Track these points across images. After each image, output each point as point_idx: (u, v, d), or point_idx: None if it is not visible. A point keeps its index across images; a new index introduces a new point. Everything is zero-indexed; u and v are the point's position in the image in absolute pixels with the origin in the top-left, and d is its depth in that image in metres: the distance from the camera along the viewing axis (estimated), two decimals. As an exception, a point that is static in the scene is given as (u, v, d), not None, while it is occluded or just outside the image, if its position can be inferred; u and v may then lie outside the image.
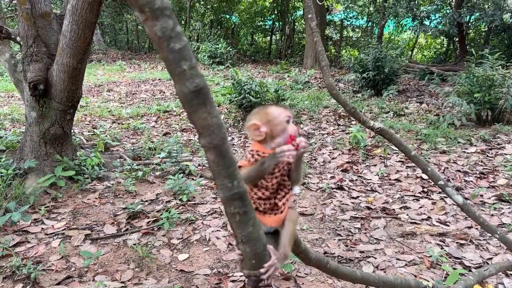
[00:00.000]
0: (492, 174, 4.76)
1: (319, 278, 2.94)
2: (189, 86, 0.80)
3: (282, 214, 1.63)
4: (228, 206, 1.05)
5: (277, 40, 21.83)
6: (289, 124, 1.60)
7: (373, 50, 9.99)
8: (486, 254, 3.24)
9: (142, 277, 2.95)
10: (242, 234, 1.16)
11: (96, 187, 4.41)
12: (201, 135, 0.89)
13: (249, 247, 1.23)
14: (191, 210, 3.97)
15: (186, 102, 0.82)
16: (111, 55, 18.85)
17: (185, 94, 0.81)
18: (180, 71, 0.79)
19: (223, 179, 0.98)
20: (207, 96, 0.82)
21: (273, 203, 1.61)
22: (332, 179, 4.78)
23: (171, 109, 8.53)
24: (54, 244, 3.34)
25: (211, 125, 0.87)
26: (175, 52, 0.78)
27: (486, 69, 6.68)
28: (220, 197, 1.05)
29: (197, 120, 0.86)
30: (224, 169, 0.96)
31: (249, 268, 1.35)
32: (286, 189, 1.63)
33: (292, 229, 1.62)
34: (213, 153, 0.92)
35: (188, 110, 0.84)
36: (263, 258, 1.30)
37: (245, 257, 1.30)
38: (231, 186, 1.00)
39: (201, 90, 0.82)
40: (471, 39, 15.41)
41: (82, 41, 4.05)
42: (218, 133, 0.88)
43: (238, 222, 1.10)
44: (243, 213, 1.09)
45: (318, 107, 8.46)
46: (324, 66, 2.75)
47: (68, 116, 4.46)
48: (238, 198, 1.04)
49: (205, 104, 0.83)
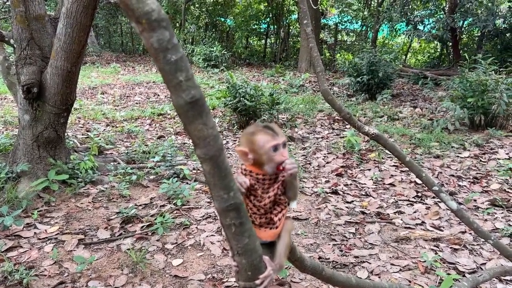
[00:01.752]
0: (486, 179, 4.79)
1: (314, 284, 2.94)
2: (185, 97, 0.80)
3: (277, 229, 1.61)
4: (224, 217, 1.05)
5: (272, 44, 21.88)
6: (276, 152, 1.53)
7: (367, 54, 10.04)
8: (479, 259, 3.26)
9: (136, 282, 2.93)
10: (238, 245, 1.15)
11: (89, 191, 4.39)
12: (197, 146, 0.88)
13: (245, 259, 1.22)
14: (185, 215, 3.96)
15: (182, 113, 0.82)
16: (105, 57, 18.78)
17: (181, 105, 0.80)
18: (176, 83, 0.79)
19: (219, 190, 0.97)
20: (203, 107, 0.82)
21: (269, 217, 1.59)
22: (326, 183, 4.79)
23: (165, 112, 8.51)
24: (47, 249, 3.31)
25: (207, 136, 0.86)
26: (172, 63, 0.78)
27: (479, 74, 6.73)
28: (216, 208, 1.04)
29: (193, 131, 0.85)
30: (220, 180, 0.95)
31: (245, 279, 1.33)
32: (282, 205, 1.62)
33: (288, 239, 1.61)
34: (209, 164, 0.91)
35: (184, 121, 0.84)
36: (259, 269, 1.29)
37: (241, 269, 1.29)
38: (227, 197, 0.99)
39: (197, 101, 0.81)
40: (464, 44, 15.54)
41: (77, 44, 4.03)
42: (214, 144, 0.87)
43: (234, 234, 1.10)
44: (239, 224, 1.08)
45: (313, 111, 8.48)
46: (319, 72, 2.76)
47: (62, 120, 4.44)
48: (234, 209, 1.03)
49: (201, 115, 0.83)
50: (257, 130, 1.58)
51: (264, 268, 1.34)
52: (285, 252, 1.58)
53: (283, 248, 1.58)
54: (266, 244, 1.58)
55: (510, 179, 4.74)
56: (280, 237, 1.61)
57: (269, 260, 1.42)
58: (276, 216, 1.59)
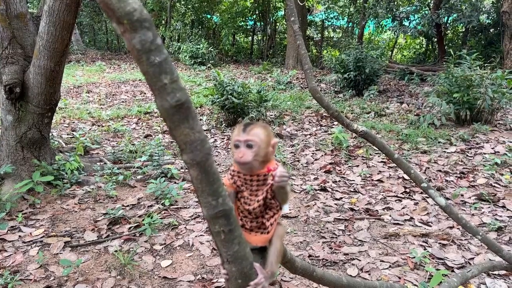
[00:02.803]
0: (472, 174, 4.84)
1: (304, 283, 2.93)
2: (170, 100, 0.77)
3: (269, 235, 1.57)
4: (213, 224, 1.01)
5: (258, 41, 21.82)
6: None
7: (354, 50, 10.07)
8: (468, 254, 3.28)
9: (124, 285, 2.89)
10: (228, 253, 1.11)
11: (75, 192, 4.31)
12: (184, 151, 0.85)
13: (235, 267, 1.18)
14: (173, 215, 3.91)
15: (167, 117, 0.78)
16: (90, 55, 18.53)
17: (166, 109, 0.77)
18: (161, 85, 0.75)
19: (207, 196, 0.94)
20: (189, 110, 0.78)
21: (260, 222, 1.55)
22: (315, 180, 4.79)
23: (152, 111, 8.43)
24: (32, 253, 3.24)
25: (194, 140, 0.83)
26: (155, 65, 0.74)
27: (464, 69, 6.79)
28: (204, 215, 1.01)
29: (179, 136, 0.82)
30: (207, 186, 0.92)
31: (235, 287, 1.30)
32: (274, 209, 1.57)
33: (280, 245, 1.57)
34: (196, 170, 0.88)
35: (170, 125, 0.81)
36: (249, 277, 1.25)
37: (231, 277, 1.25)
38: (215, 204, 0.96)
39: (183, 104, 0.78)
40: (449, 39, 15.69)
41: (60, 43, 3.96)
42: (201, 149, 0.84)
43: (223, 241, 1.06)
44: (228, 231, 1.04)
45: (301, 107, 8.48)
46: (307, 70, 2.74)
47: (46, 120, 4.35)
48: (223, 216, 1.00)
49: (187, 119, 0.79)
50: (239, 125, 1.57)
51: (255, 275, 1.31)
52: (277, 259, 1.54)
53: (275, 255, 1.54)
54: (257, 249, 1.54)
55: (496, 173, 4.79)
56: (271, 243, 1.57)
57: (261, 268, 1.39)
58: (268, 221, 1.54)
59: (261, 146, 1.50)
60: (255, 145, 1.50)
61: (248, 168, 1.51)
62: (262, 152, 1.51)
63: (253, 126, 1.53)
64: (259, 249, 1.56)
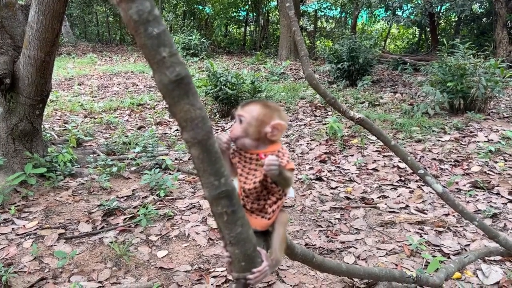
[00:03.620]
0: (466, 162, 4.85)
1: (301, 271, 2.92)
2: (170, 75, 0.73)
3: (269, 221, 1.53)
4: (215, 205, 0.98)
5: (251, 31, 21.68)
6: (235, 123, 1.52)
7: (347, 40, 10.02)
8: (463, 240, 3.29)
9: (120, 276, 2.86)
10: (231, 235, 1.08)
11: (69, 184, 4.26)
12: (184, 129, 0.81)
13: (238, 249, 1.15)
14: (169, 206, 3.88)
15: (166, 93, 0.75)
16: (81, 47, 18.31)
17: (165, 84, 0.73)
18: (159, 59, 0.72)
19: (209, 176, 0.90)
20: (189, 86, 0.75)
21: (262, 205, 1.51)
22: (310, 170, 4.77)
23: (145, 102, 8.35)
24: (26, 245, 3.20)
25: (195, 118, 0.80)
26: (154, 37, 0.70)
27: (458, 58, 6.79)
28: (206, 196, 0.98)
29: (178, 112, 0.78)
30: (209, 166, 0.89)
31: (238, 270, 1.26)
32: (277, 194, 1.52)
33: (283, 232, 1.53)
34: (197, 149, 0.84)
35: (169, 101, 0.77)
36: (253, 259, 1.21)
37: (234, 259, 1.22)
38: (217, 184, 0.93)
39: (183, 79, 0.74)
40: (442, 29, 15.70)
41: (50, 32, 3.88)
42: (203, 126, 0.81)
43: (225, 222, 1.03)
44: (231, 212, 1.01)
45: (295, 98, 8.44)
46: (303, 56, 2.70)
47: (37, 111, 4.29)
48: (226, 196, 0.96)
49: (187, 94, 0.76)
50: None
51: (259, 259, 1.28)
52: (280, 246, 1.50)
53: (279, 241, 1.50)
54: (259, 233, 1.50)
55: (490, 161, 4.81)
56: (274, 229, 1.54)
57: (266, 255, 1.36)
58: (270, 206, 1.50)
59: (251, 123, 1.46)
60: (244, 121, 1.47)
61: (241, 144, 1.49)
62: (252, 130, 1.47)
63: (251, 103, 1.51)
64: (261, 233, 1.53)
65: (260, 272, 1.29)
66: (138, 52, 17.24)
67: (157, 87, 0.76)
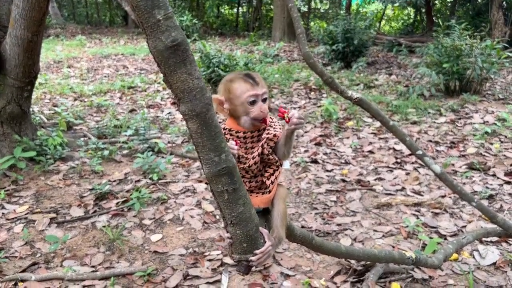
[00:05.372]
0: (462, 143, 4.83)
1: (298, 253, 2.89)
2: (165, 40, 0.65)
3: (270, 194, 1.46)
4: (215, 183, 0.91)
5: (244, 13, 21.34)
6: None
7: (342, 21, 9.86)
8: (460, 222, 3.28)
9: (113, 260, 2.82)
10: (232, 214, 1.01)
11: (59, 168, 4.18)
12: (181, 101, 0.74)
13: (239, 229, 1.08)
14: (162, 189, 3.82)
15: (161, 61, 0.67)
16: (70, 29, 17.90)
17: (160, 51, 0.66)
18: (154, 22, 0.64)
19: (209, 152, 0.83)
20: (186, 53, 0.67)
21: (260, 181, 1.43)
22: (305, 153, 4.72)
23: (136, 85, 8.20)
24: (16, 230, 3.14)
25: (193, 88, 0.72)
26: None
27: (454, 39, 6.71)
28: (205, 173, 0.90)
29: (175, 82, 0.71)
30: (209, 141, 0.81)
31: (240, 252, 1.19)
32: (274, 166, 1.46)
33: (283, 207, 1.47)
34: (195, 122, 0.77)
35: (164, 70, 0.69)
36: (255, 240, 1.14)
37: (235, 241, 1.14)
38: (218, 161, 0.85)
39: (179, 45, 0.66)
40: (437, 10, 15.56)
41: (37, 11, 3.75)
42: (201, 98, 0.73)
43: (226, 202, 0.96)
44: (232, 190, 0.94)
45: (289, 80, 8.34)
46: (300, 34, 2.61)
47: (26, 93, 4.18)
48: (226, 173, 0.89)
49: (184, 63, 0.68)
50: (236, 77, 1.42)
51: (261, 239, 1.21)
52: (282, 222, 1.42)
53: (280, 217, 1.42)
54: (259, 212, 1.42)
55: (486, 143, 4.79)
56: (273, 205, 1.47)
57: (268, 234, 1.29)
58: (268, 179, 1.43)
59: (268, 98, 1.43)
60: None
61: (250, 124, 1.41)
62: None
63: (259, 77, 1.41)
64: (262, 212, 1.45)
65: (263, 253, 1.23)
66: (128, 34, 16.93)
67: (152, 54, 0.68)
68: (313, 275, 2.67)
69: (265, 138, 1.39)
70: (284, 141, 1.42)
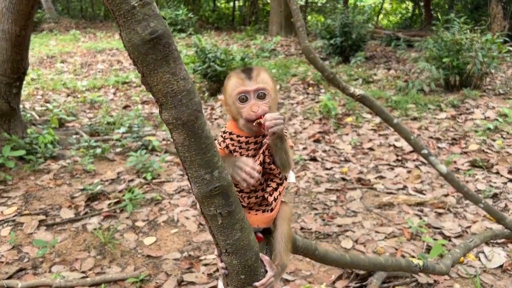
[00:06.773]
0: (464, 140, 4.72)
1: (297, 257, 2.78)
2: (142, 32, 0.52)
3: (273, 213, 1.26)
4: (207, 205, 0.75)
5: (240, 7, 21.11)
6: (244, 104, 1.18)
7: (340, 15, 9.71)
8: (464, 222, 3.18)
9: (105, 265, 2.69)
10: (227, 242, 0.85)
11: (50, 167, 4.04)
12: (163, 107, 0.59)
13: (236, 259, 0.91)
14: (156, 189, 3.69)
15: (138, 58, 0.53)
16: (64, 24, 17.62)
17: (135, 46, 0.52)
18: (127, 9, 0.50)
19: (198, 168, 0.68)
20: (169, 48, 0.53)
21: (260, 196, 1.24)
22: (304, 150, 4.60)
23: (130, 80, 8.04)
24: (3, 233, 3.01)
25: (178, 91, 0.57)
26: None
27: (454, 33, 6.58)
28: (195, 194, 0.76)
29: (155, 84, 0.56)
30: (198, 156, 0.67)
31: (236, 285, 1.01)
32: (277, 179, 1.27)
33: (288, 230, 1.28)
34: (182, 133, 0.62)
35: (142, 70, 0.55)
36: (255, 271, 0.97)
37: (231, 272, 0.97)
38: (209, 179, 0.70)
39: (160, 38, 0.52)
40: (436, 4, 15.41)
41: (25, 4, 3.64)
42: (188, 103, 0.58)
43: (220, 227, 0.80)
44: (227, 214, 0.78)
45: (286, 75, 8.19)
46: (299, 27, 2.49)
47: (15, 90, 4.05)
48: (220, 193, 0.74)
49: (167, 60, 0.54)
50: (233, 73, 1.26)
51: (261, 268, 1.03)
52: (286, 247, 1.23)
53: (284, 241, 1.23)
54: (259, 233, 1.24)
55: (488, 139, 4.68)
56: (276, 227, 1.27)
57: (270, 262, 1.11)
58: (271, 195, 1.24)
59: (272, 96, 1.22)
60: (268, 94, 1.21)
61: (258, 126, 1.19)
62: (274, 103, 1.23)
63: (258, 71, 1.22)
64: (263, 233, 1.26)
65: (264, 286, 1.06)
66: (123, 28, 16.71)
67: (126, 50, 0.55)
68: (314, 280, 2.56)
69: (266, 144, 1.22)
70: (274, 151, 1.23)
